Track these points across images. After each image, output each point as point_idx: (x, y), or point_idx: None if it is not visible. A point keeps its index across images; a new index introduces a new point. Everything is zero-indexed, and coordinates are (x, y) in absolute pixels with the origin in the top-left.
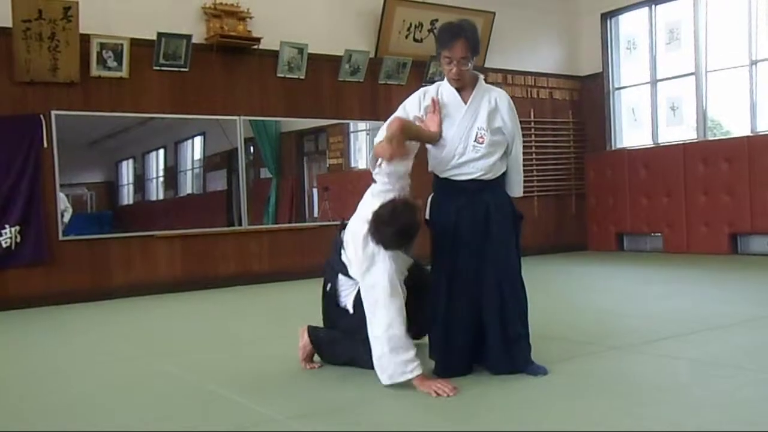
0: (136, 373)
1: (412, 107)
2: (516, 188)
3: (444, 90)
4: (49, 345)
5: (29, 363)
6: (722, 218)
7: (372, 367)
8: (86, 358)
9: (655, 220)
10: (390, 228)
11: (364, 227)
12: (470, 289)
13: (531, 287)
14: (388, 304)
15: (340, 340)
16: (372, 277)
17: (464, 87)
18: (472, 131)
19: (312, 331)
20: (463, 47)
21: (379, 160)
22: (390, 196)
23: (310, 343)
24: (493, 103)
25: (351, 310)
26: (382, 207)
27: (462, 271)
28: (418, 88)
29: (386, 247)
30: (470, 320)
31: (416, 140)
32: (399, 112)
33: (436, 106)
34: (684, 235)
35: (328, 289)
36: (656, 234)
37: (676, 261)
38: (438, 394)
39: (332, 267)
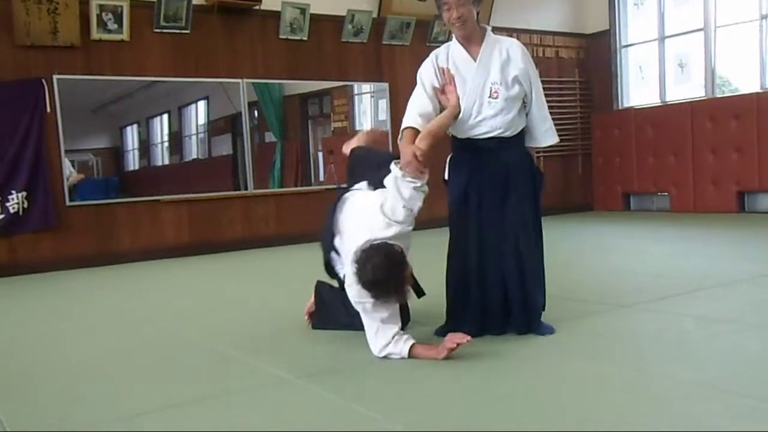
0: (145, 336)
1: (427, 76)
2: (546, 138)
3: (453, 50)
4: (58, 309)
5: (39, 327)
6: (730, 176)
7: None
8: (95, 321)
9: (662, 180)
10: (368, 282)
11: (366, 234)
12: (493, 249)
13: None
14: (373, 311)
15: (335, 310)
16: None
17: (472, 41)
18: (486, 87)
19: (319, 288)
20: None
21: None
22: (399, 229)
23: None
24: (505, 54)
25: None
26: (376, 254)
27: (485, 231)
28: (422, 49)
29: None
30: (496, 280)
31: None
32: (417, 90)
33: (447, 76)
34: (691, 194)
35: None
36: (663, 193)
37: (683, 220)
38: (455, 346)
39: (324, 239)
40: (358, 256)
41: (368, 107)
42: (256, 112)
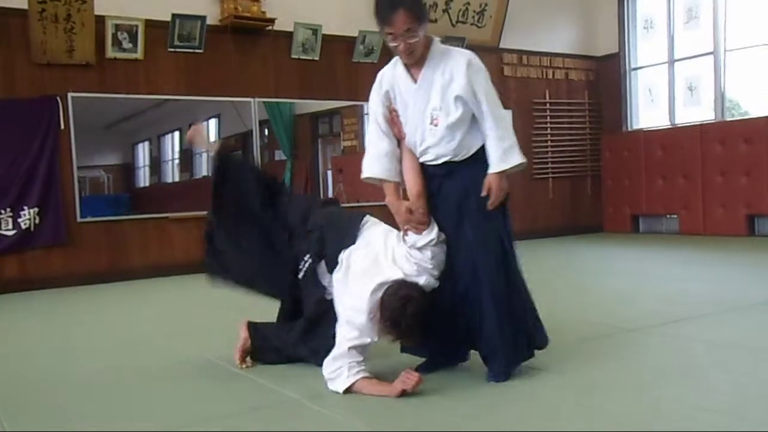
0: (153, 353)
1: (375, 107)
2: (506, 160)
3: (397, 69)
4: (67, 325)
5: (47, 341)
6: (739, 200)
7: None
8: (104, 337)
9: (672, 202)
10: (391, 317)
11: (380, 278)
12: (452, 276)
13: (547, 269)
14: (352, 337)
15: (283, 347)
16: (356, 319)
17: (417, 61)
18: (426, 114)
19: (253, 328)
20: (404, 18)
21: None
22: (422, 279)
23: (249, 340)
24: (448, 73)
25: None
26: (399, 292)
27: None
28: None
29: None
30: (456, 309)
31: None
32: (371, 127)
33: (393, 114)
34: (700, 217)
35: (307, 260)
36: (672, 215)
37: (693, 243)
38: (409, 389)
39: (331, 243)
40: (396, 288)
41: None
42: (266, 131)
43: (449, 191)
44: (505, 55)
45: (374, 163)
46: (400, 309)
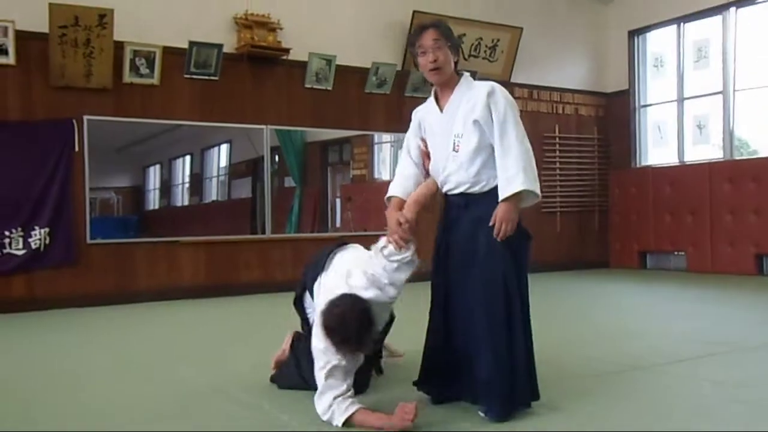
0: (158, 377)
1: (411, 136)
2: (508, 186)
3: (429, 105)
4: (74, 347)
5: (53, 364)
6: (748, 238)
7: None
8: (109, 360)
9: (679, 239)
10: (336, 337)
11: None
12: (458, 316)
13: (553, 304)
14: (325, 365)
15: (304, 370)
16: (316, 345)
17: (447, 90)
18: (449, 140)
19: (296, 340)
20: (433, 33)
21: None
22: (375, 294)
23: (291, 350)
24: (472, 102)
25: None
26: (333, 311)
27: (451, 295)
28: None
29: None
30: (460, 347)
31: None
32: (402, 153)
33: (423, 144)
34: (708, 255)
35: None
36: (680, 253)
37: (700, 280)
38: (409, 422)
39: (307, 274)
40: (329, 301)
41: (388, 156)
42: (277, 157)
43: (465, 224)
44: (516, 90)
45: (395, 184)
46: (341, 326)
